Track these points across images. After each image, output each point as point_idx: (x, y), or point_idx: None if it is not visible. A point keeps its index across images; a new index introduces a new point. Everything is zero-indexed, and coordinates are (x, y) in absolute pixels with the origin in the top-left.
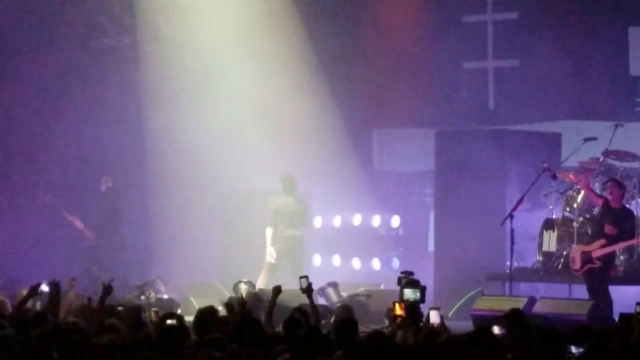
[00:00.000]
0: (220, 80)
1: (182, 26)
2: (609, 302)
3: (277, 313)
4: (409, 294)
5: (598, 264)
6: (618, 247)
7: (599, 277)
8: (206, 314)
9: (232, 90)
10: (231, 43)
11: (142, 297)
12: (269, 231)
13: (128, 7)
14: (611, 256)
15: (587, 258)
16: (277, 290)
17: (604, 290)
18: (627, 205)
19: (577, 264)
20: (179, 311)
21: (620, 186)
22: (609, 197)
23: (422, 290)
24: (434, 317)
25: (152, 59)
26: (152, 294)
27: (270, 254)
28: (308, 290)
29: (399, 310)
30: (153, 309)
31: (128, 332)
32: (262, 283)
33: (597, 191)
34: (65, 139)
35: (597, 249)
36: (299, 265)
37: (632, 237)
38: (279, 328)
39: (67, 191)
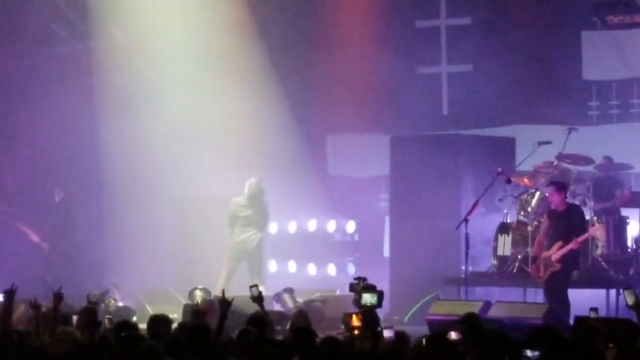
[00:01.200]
0: (175, 87)
1: (137, 33)
2: (567, 304)
3: (233, 319)
4: (368, 298)
5: (558, 266)
6: (574, 245)
7: (560, 279)
8: (158, 322)
9: (187, 97)
10: (186, 51)
11: (102, 306)
12: (229, 233)
13: (82, 14)
14: (570, 256)
15: (548, 263)
16: (226, 303)
17: (564, 292)
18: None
19: (541, 271)
20: (134, 319)
21: (559, 189)
22: (551, 205)
23: (380, 295)
24: (388, 334)
25: (106, 66)
26: (112, 302)
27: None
28: (259, 298)
29: (356, 322)
30: (107, 316)
31: (84, 334)
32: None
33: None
34: (19, 146)
35: (555, 252)
36: (256, 267)
37: (584, 231)
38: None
39: (20, 199)
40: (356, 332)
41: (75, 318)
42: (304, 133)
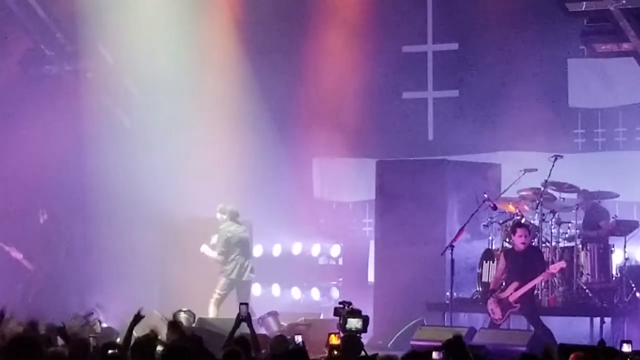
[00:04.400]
0: (161, 108)
1: (124, 54)
2: (549, 332)
3: (218, 341)
4: (353, 323)
5: (517, 306)
6: (532, 285)
7: (528, 315)
8: (144, 343)
9: (172, 118)
10: (173, 71)
11: (86, 327)
12: (212, 254)
13: (70, 34)
14: (529, 294)
15: (505, 304)
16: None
17: (538, 322)
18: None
19: (497, 314)
20: (118, 340)
21: (530, 233)
22: (521, 245)
23: (365, 320)
24: None
25: (94, 86)
26: (97, 325)
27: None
28: (248, 318)
29: (334, 341)
30: (91, 335)
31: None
32: (213, 312)
33: (536, 222)
34: (5, 165)
35: (513, 293)
36: (246, 294)
37: (542, 271)
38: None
39: (5, 220)
40: (335, 352)
41: (59, 339)
42: (290, 156)
